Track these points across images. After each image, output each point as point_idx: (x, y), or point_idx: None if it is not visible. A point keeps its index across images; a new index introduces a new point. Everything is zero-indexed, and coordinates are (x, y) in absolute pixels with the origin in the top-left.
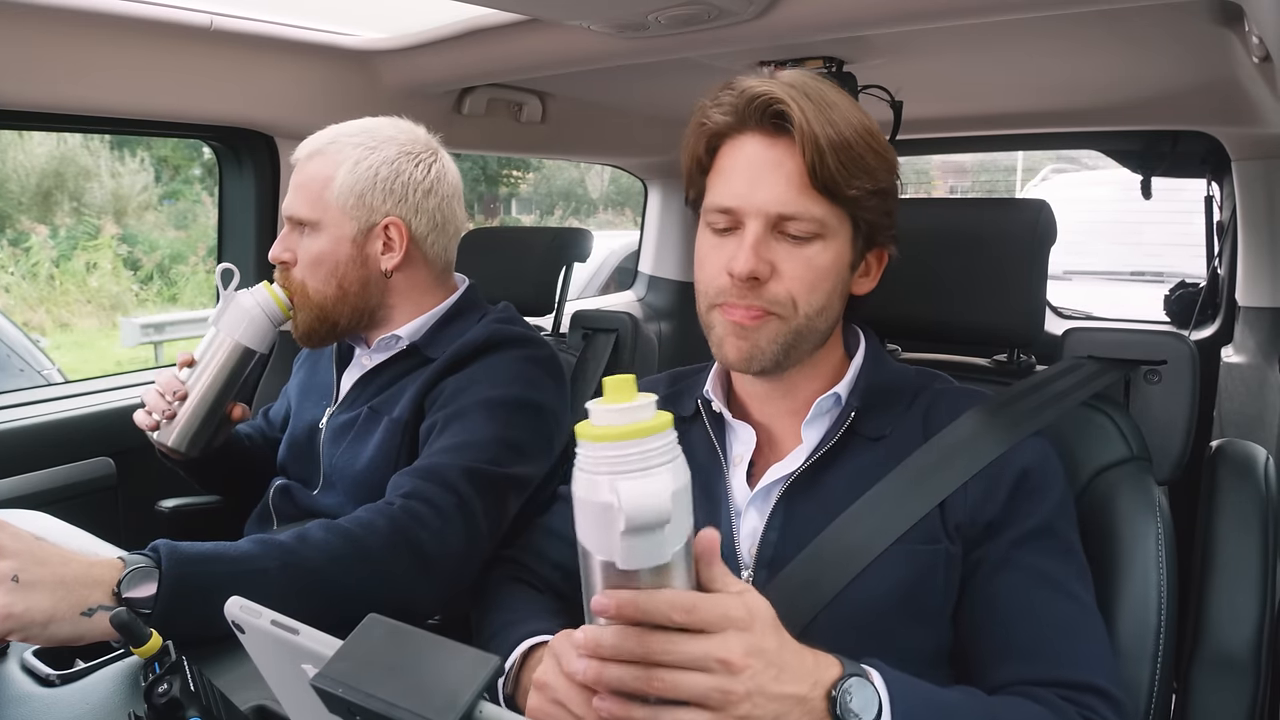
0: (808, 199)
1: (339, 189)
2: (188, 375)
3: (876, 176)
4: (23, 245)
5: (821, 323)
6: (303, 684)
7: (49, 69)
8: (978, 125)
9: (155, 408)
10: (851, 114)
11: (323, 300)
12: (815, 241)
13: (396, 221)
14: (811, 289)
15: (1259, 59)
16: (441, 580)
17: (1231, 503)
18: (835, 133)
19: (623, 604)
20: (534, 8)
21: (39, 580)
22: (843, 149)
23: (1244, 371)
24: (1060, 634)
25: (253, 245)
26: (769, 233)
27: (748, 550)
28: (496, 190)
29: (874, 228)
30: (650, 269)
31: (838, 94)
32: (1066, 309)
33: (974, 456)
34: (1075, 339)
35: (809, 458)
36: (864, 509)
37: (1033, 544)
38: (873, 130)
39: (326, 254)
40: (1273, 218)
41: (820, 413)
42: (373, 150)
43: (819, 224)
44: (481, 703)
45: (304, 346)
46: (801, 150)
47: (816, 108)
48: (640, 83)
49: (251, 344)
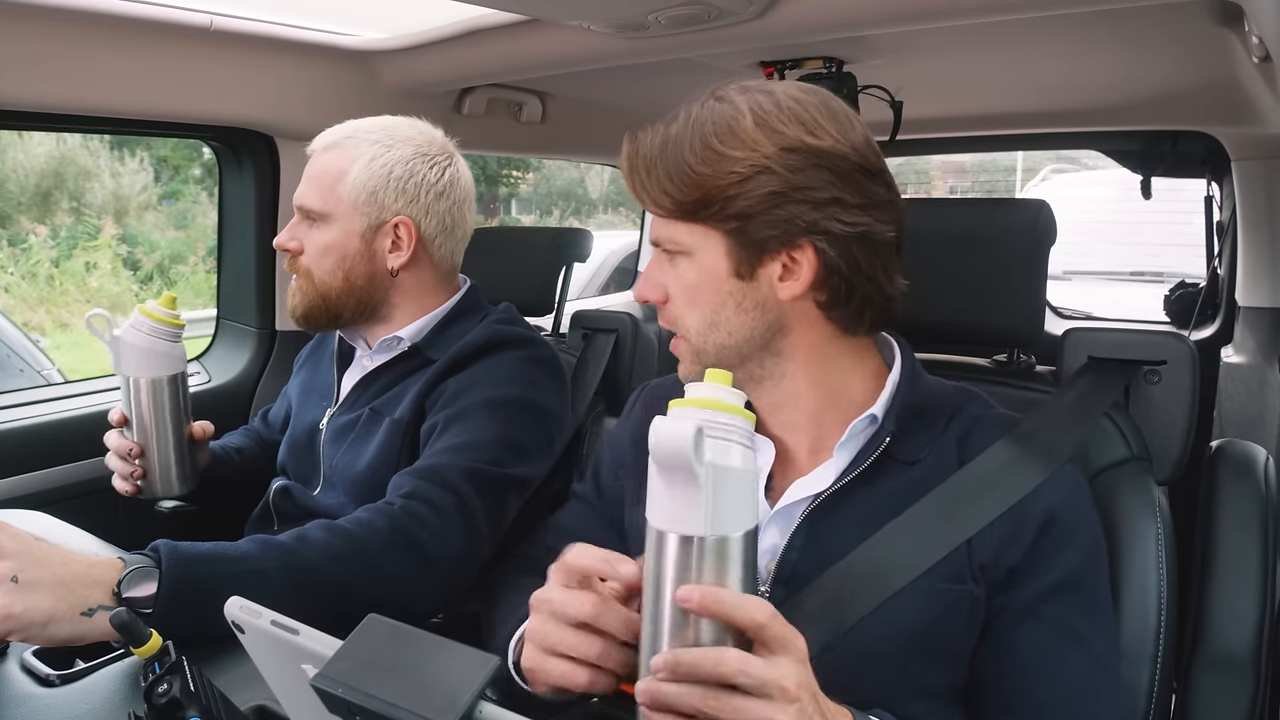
0: (660, 223)
1: (352, 184)
2: (130, 431)
3: (707, 181)
4: (22, 245)
5: (727, 339)
6: (303, 684)
7: (49, 69)
8: (978, 125)
9: (124, 473)
10: (688, 127)
11: (327, 290)
12: (682, 259)
13: (406, 221)
14: (688, 306)
15: (1259, 59)
16: (441, 580)
17: (1231, 503)
18: (648, 152)
19: (706, 594)
20: (534, 8)
21: (38, 580)
22: (651, 165)
23: (1244, 371)
24: (1074, 695)
25: (253, 245)
26: (661, 258)
27: (765, 566)
28: (496, 190)
29: (749, 232)
30: None
31: (702, 111)
32: (1066, 309)
33: (1007, 489)
34: (1075, 339)
35: (839, 479)
36: (890, 535)
37: (1057, 598)
38: (707, 135)
39: (334, 246)
40: (1273, 218)
41: (855, 433)
42: (389, 148)
43: (674, 242)
44: (481, 703)
45: (302, 328)
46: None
47: (643, 139)
48: (640, 83)
49: (164, 372)
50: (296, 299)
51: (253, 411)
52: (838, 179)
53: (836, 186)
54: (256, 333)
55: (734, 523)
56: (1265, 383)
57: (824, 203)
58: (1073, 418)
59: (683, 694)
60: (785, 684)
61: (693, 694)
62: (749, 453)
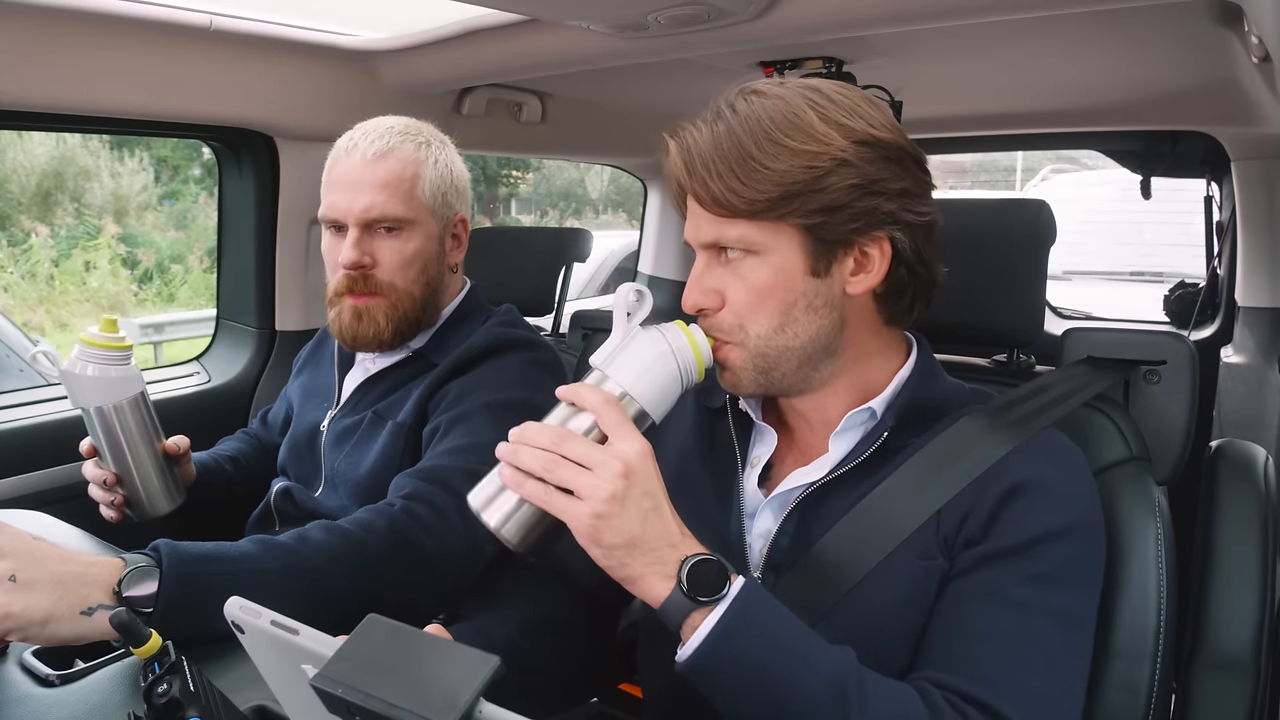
0: (722, 223)
1: (429, 187)
2: (100, 459)
3: (788, 175)
4: (22, 245)
5: (791, 339)
6: (303, 684)
7: (49, 69)
8: (978, 125)
9: (105, 501)
10: (743, 121)
11: (412, 302)
12: (748, 258)
13: (463, 217)
14: (755, 309)
15: (1259, 59)
16: (441, 581)
17: (1231, 503)
18: (708, 150)
19: (566, 389)
20: (534, 8)
21: (36, 580)
22: (716, 161)
23: (1244, 372)
24: (996, 654)
25: (252, 245)
26: (714, 261)
27: (759, 551)
28: (496, 190)
29: (829, 225)
30: (650, 269)
31: (749, 101)
32: (1066, 309)
33: (974, 458)
34: (1075, 339)
35: (832, 470)
36: (867, 508)
37: (998, 561)
38: (777, 128)
39: (420, 252)
40: (1272, 218)
41: (852, 425)
42: (439, 148)
43: (742, 241)
44: (481, 703)
45: (376, 350)
46: (681, 184)
47: (692, 134)
48: (640, 83)
49: (121, 396)
50: (380, 323)
51: (253, 412)
52: (903, 170)
53: (902, 177)
54: (256, 333)
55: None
56: (1265, 383)
57: (896, 194)
58: (1053, 398)
59: (529, 455)
60: (613, 464)
61: (537, 457)
62: None
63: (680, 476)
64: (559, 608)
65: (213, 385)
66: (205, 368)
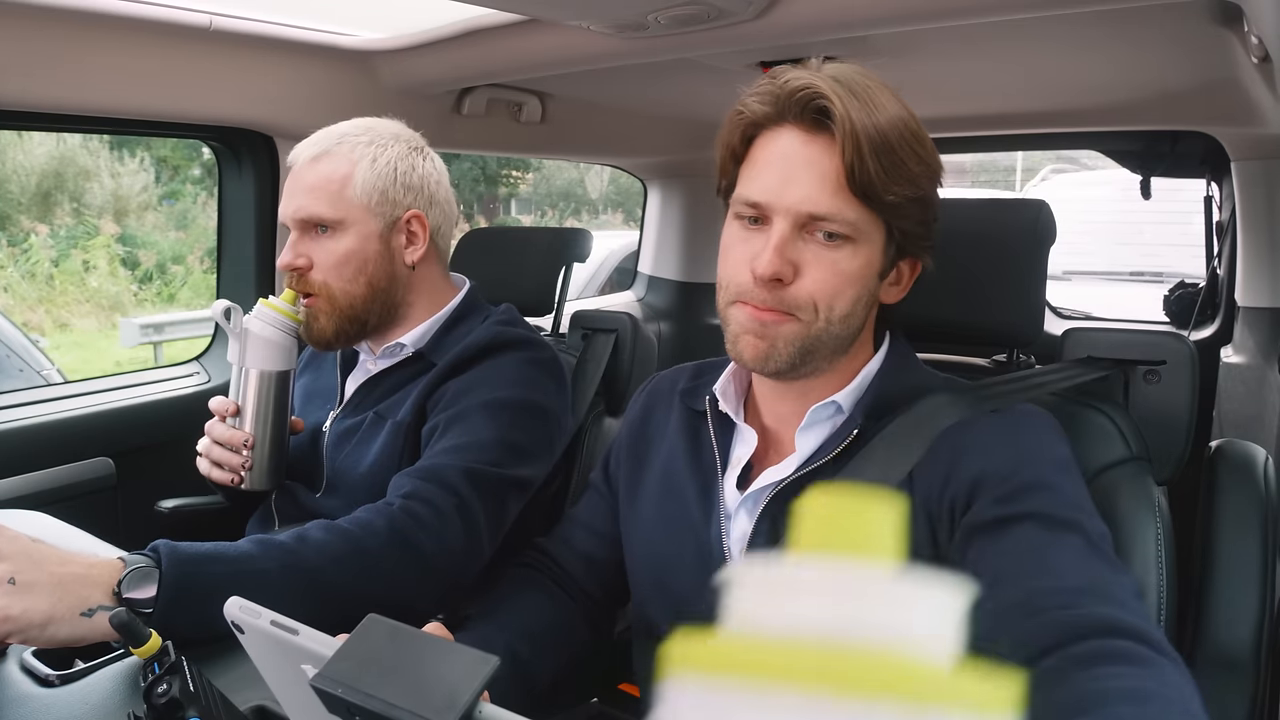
0: (842, 201)
1: (361, 186)
2: (236, 421)
3: (918, 183)
4: (22, 245)
5: (843, 329)
6: (302, 684)
7: (49, 69)
8: (978, 125)
9: (231, 463)
10: (898, 115)
11: (351, 301)
12: (845, 245)
13: (418, 214)
14: (836, 295)
15: (1258, 59)
16: (440, 580)
17: (1231, 503)
18: (878, 134)
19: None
20: (534, 8)
21: (35, 582)
22: (885, 152)
23: (1243, 371)
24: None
25: (252, 245)
26: (797, 232)
27: (738, 552)
28: (496, 190)
29: (909, 236)
30: (650, 269)
31: (885, 93)
32: (1066, 309)
33: (937, 425)
34: (1074, 339)
35: (800, 467)
36: None
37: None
38: (918, 134)
39: (354, 252)
40: (1272, 218)
41: (816, 420)
42: (385, 147)
43: (851, 227)
44: (481, 703)
45: (327, 350)
46: (841, 149)
47: (862, 105)
48: (640, 83)
49: (282, 366)
50: (320, 321)
51: None
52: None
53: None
54: None
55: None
56: (1265, 383)
57: (937, 217)
58: (1029, 384)
59: None
60: None
61: None
62: None
63: (667, 479)
64: (557, 612)
65: (213, 385)
66: (205, 368)
